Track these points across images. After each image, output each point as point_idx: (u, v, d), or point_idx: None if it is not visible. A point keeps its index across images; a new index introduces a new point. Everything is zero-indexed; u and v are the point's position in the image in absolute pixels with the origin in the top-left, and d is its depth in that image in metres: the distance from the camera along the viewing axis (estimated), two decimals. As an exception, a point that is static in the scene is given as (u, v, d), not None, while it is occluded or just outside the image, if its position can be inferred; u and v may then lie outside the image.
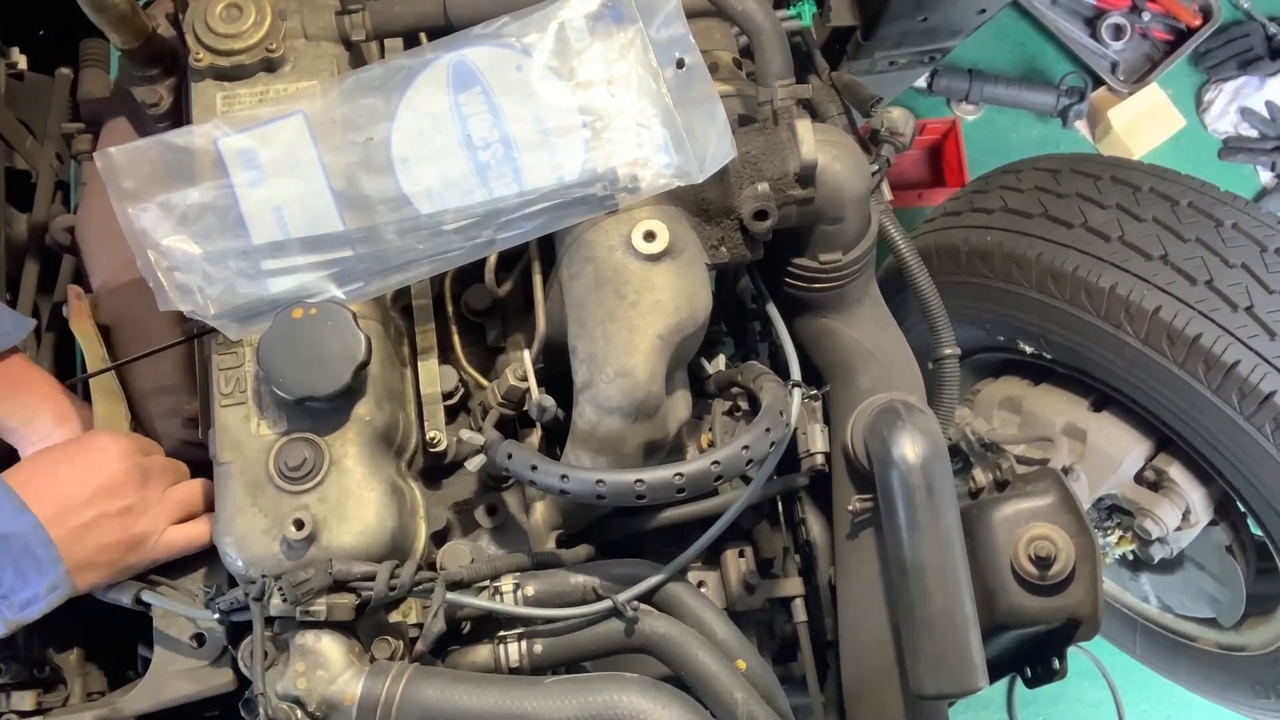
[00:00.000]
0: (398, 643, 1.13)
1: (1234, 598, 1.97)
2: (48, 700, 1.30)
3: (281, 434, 1.11)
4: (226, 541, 1.09)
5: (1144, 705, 2.77)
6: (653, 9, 1.12)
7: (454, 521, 1.28)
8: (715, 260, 1.21)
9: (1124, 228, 1.70)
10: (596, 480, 1.07)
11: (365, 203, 1.12)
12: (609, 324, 1.10)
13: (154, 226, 1.10)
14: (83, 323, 1.38)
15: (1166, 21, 3.20)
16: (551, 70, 1.13)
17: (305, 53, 1.22)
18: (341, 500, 1.09)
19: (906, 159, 3.14)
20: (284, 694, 1.06)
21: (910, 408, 1.22)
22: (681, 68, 1.12)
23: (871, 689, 1.28)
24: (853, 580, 1.30)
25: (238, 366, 1.13)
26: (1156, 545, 1.89)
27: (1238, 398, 1.58)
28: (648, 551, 1.28)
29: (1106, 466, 1.84)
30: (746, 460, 1.09)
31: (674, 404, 1.20)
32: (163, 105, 1.30)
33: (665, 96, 1.12)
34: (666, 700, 1.04)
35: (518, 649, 1.16)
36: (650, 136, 1.12)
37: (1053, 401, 1.91)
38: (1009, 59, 3.25)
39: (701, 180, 1.12)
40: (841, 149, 1.22)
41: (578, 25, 1.13)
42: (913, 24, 1.91)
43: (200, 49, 1.19)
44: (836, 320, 1.35)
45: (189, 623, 1.23)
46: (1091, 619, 1.26)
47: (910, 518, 1.17)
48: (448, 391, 1.28)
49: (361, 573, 1.07)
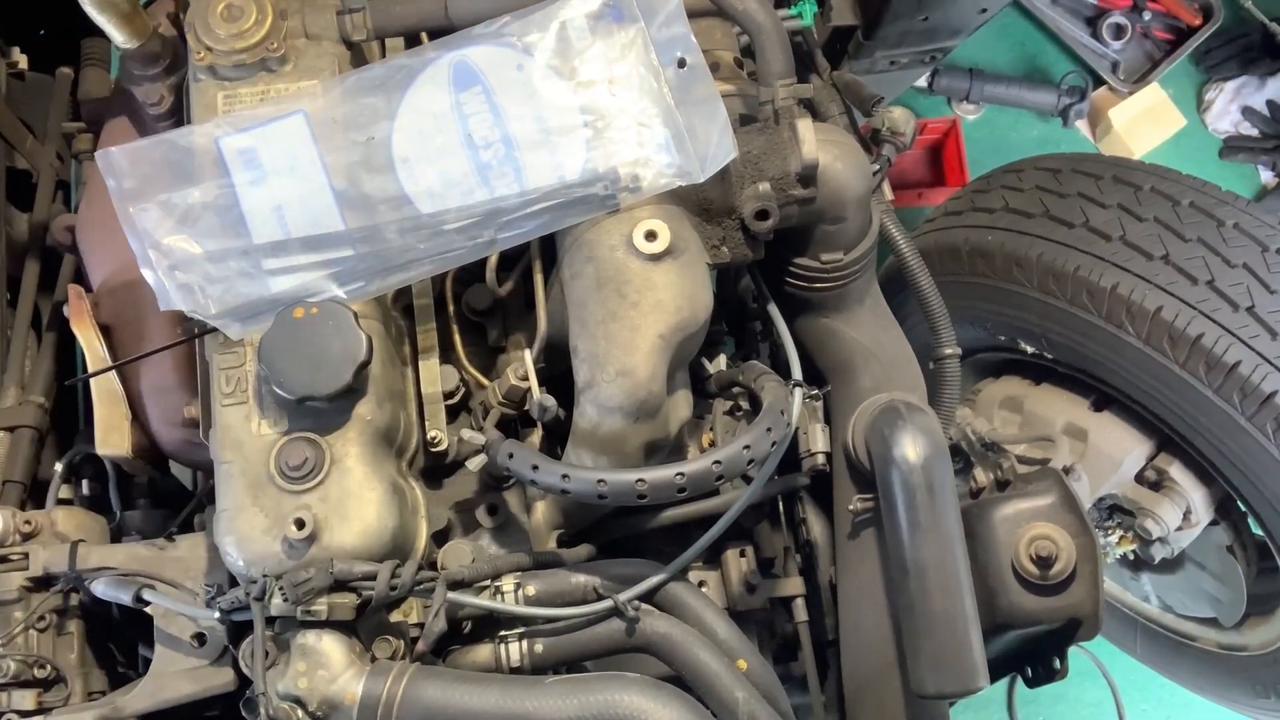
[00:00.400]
0: (399, 642, 1.13)
1: (1235, 597, 1.97)
2: (48, 699, 1.30)
3: (282, 433, 1.11)
4: (227, 541, 1.09)
5: (1144, 705, 2.77)
6: (654, 8, 1.12)
7: (455, 521, 1.28)
8: (716, 260, 1.21)
9: (1125, 227, 1.70)
10: (598, 480, 1.07)
11: (366, 202, 1.12)
12: (610, 324, 1.10)
13: (155, 226, 1.10)
14: (83, 322, 1.38)
15: (1167, 21, 3.20)
16: (553, 69, 1.13)
17: (306, 52, 1.22)
18: (343, 500, 1.09)
19: (907, 158, 3.14)
20: (285, 693, 1.06)
21: (911, 407, 1.22)
22: (683, 67, 1.12)
23: (872, 688, 1.28)
24: (853, 580, 1.30)
25: (238, 366, 1.13)
26: (1157, 545, 1.89)
27: (1239, 398, 1.58)
28: (648, 551, 1.28)
29: (1107, 466, 1.84)
30: (748, 460, 1.09)
31: (675, 403, 1.20)
32: (164, 104, 1.31)
33: (666, 96, 1.12)
34: (667, 700, 1.04)
35: (519, 648, 1.16)
36: (651, 136, 1.12)
37: (1054, 401, 1.91)
38: (1010, 58, 3.25)
39: (703, 180, 1.12)
40: (843, 148, 1.22)
41: (579, 24, 1.13)
42: (914, 23, 1.91)
43: (201, 48, 1.19)
44: (837, 320, 1.35)
45: (190, 622, 1.23)
46: (1092, 619, 1.26)
47: (911, 517, 1.17)
48: (449, 391, 1.28)
49: (362, 572, 1.07)
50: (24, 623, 1.26)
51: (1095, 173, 1.81)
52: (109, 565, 1.27)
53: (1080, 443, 1.86)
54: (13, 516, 1.32)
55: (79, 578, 1.27)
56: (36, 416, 1.57)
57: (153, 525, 1.47)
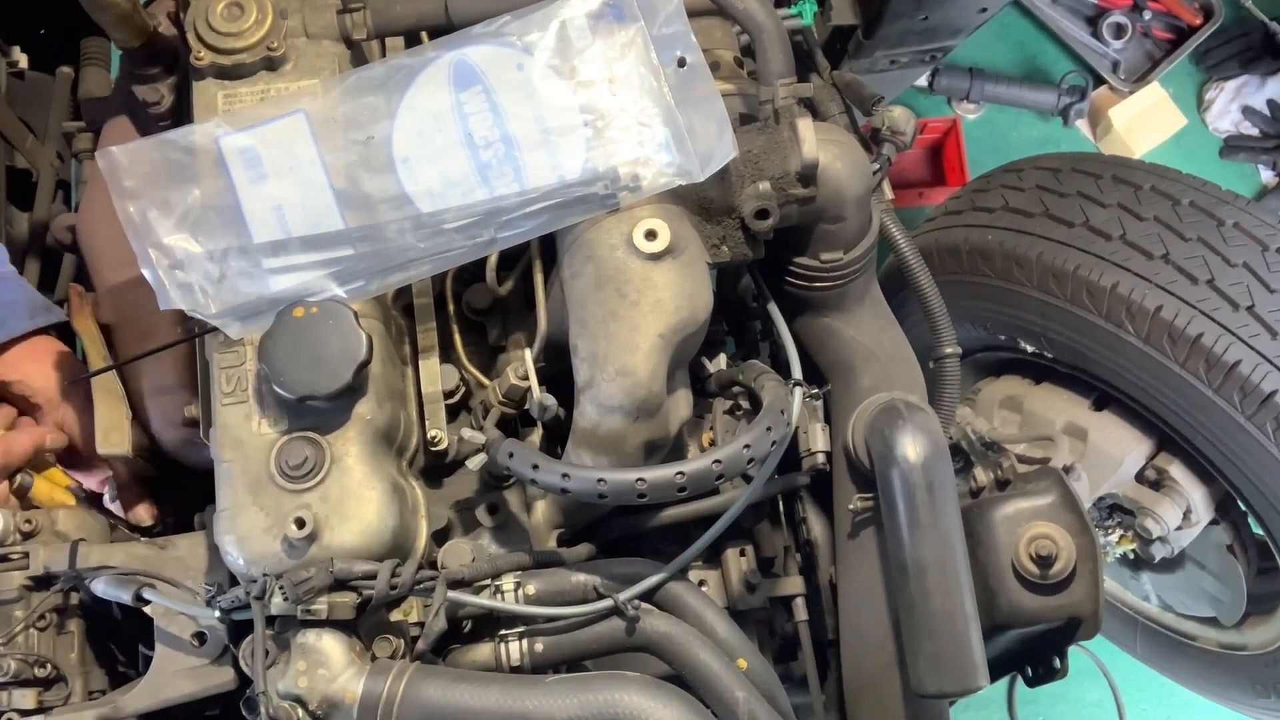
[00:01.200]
0: (399, 641, 1.13)
1: (1235, 597, 1.97)
2: (48, 698, 1.29)
3: (283, 433, 1.11)
4: (228, 540, 1.09)
5: (1144, 705, 2.77)
6: (654, 8, 1.12)
7: (455, 520, 1.28)
8: (716, 259, 1.21)
9: (1125, 227, 1.70)
10: (598, 479, 1.07)
11: (366, 202, 1.12)
12: (610, 323, 1.10)
13: (155, 224, 1.10)
14: (84, 322, 1.38)
15: (1168, 20, 3.20)
16: (553, 69, 1.13)
17: (306, 51, 1.22)
18: (343, 499, 1.09)
19: (907, 158, 3.14)
20: (285, 693, 1.06)
21: (911, 407, 1.22)
22: (683, 66, 1.12)
23: (872, 688, 1.28)
24: (853, 579, 1.30)
25: (239, 365, 1.13)
26: (1157, 544, 1.89)
27: (1239, 397, 1.58)
28: (648, 550, 1.28)
29: (1107, 466, 1.84)
30: (748, 459, 1.09)
31: (675, 403, 1.20)
32: (164, 104, 1.31)
33: (666, 95, 1.12)
34: (667, 699, 1.04)
35: (519, 648, 1.16)
36: (652, 135, 1.12)
37: (1054, 400, 1.91)
38: (1010, 58, 3.25)
39: (703, 179, 1.12)
40: (843, 148, 1.22)
41: (579, 24, 1.13)
42: (914, 23, 1.92)
43: (201, 48, 1.19)
44: (837, 319, 1.35)
45: (190, 621, 1.23)
46: (1092, 618, 1.26)
47: (911, 517, 1.17)
48: (449, 390, 1.28)
49: (363, 571, 1.07)
50: (24, 622, 1.26)
51: (1095, 172, 1.81)
52: (109, 564, 1.27)
53: (1080, 442, 1.86)
54: (13, 516, 1.32)
55: (79, 577, 1.27)
56: (36, 416, 1.57)
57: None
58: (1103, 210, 1.73)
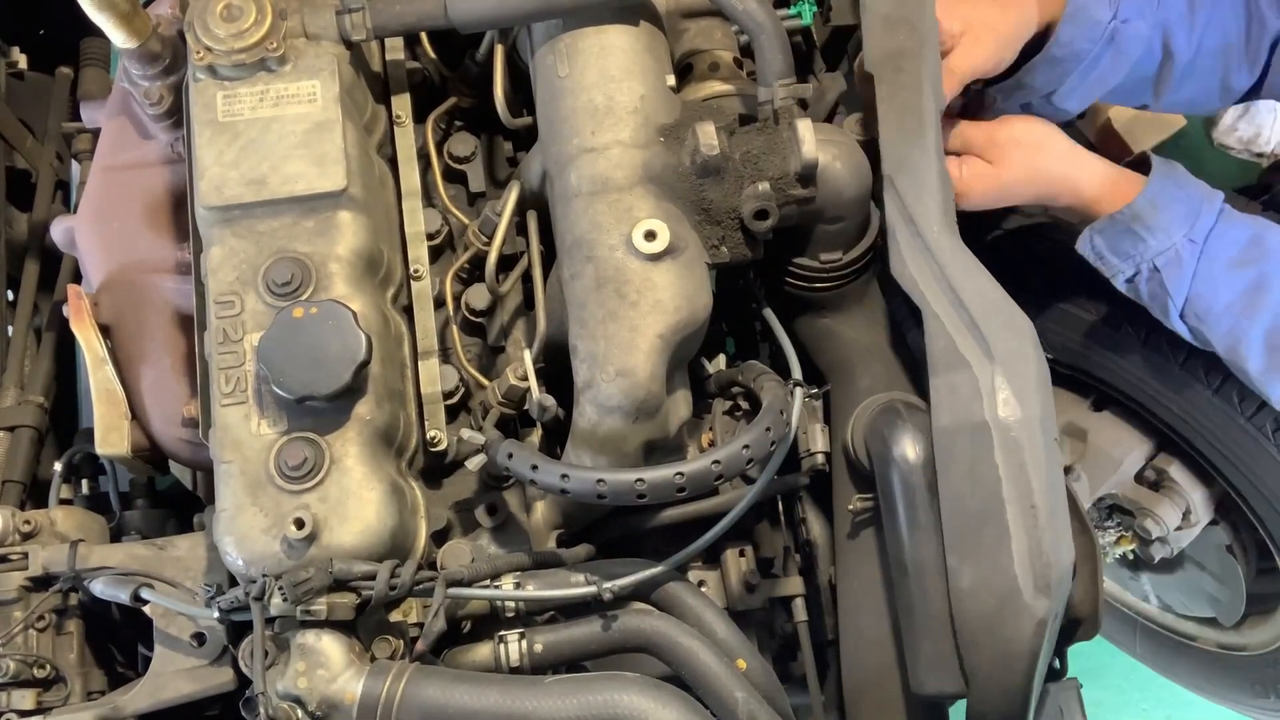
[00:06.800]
0: (398, 642, 1.13)
1: (1234, 597, 1.97)
2: (48, 699, 1.30)
3: (282, 433, 1.11)
4: (227, 541, 1.09)
5: (1144, 705, 2.77)
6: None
7: (454, 521, 1.28)
8: (716, 260, 1.21)
9: (1125, 226, 1.69)
10: (597, 480, 1.07)
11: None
12: (610, 323, 1.10)
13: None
14: (83, 322, 1.38)
15: (1167, 21, 3.19)
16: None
17: (306, 52, 1.22)
18: (342, 499, 1.09)
19: (907, 158, 3.13)
20: (284, 693, 1.06)
21: (911, 407, 1.22)
22: None
23: (872, 688, 1.28)
24: (853, 580, 1.30)
25: (238, 366, 1.13)
26: (1157, 545, 1.89)
27: (1238, 398, 1.58)
28: (648, 551, 1.28)
29: (1107, 466, 1.83)
30: (747, 460, 1.09)
31: (675, 403, 1.20)
32: (163, 104, 1.31)
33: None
34: (667, 699, 1.04)
35: (518, 648, 1.16)
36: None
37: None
38: (1009, 58, 3.24)
39: None
40: (842, 148, 1.22)
41: None
42: (913, 23, 1.91)
43: (200, 48, 1.19)
44: (837, 320, 1.35)
45: (189, 622, 1.23)
46: (1092, 618, 1.26)
47: (911, 517, 1.17)
48: (448, 391, 1.28)
49: (362, 572, 1.07)
50: (23, 622, 1.27)
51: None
52: (108, 565, 1.27)
53: (1080, 442, 1.86)
54: (12, 516, 1.32)
55: (78, 577, 1.27)
56: (36, 416, 1.57)
57: (152, 525, 1.47)
58: (1102, 210, 1.73)
